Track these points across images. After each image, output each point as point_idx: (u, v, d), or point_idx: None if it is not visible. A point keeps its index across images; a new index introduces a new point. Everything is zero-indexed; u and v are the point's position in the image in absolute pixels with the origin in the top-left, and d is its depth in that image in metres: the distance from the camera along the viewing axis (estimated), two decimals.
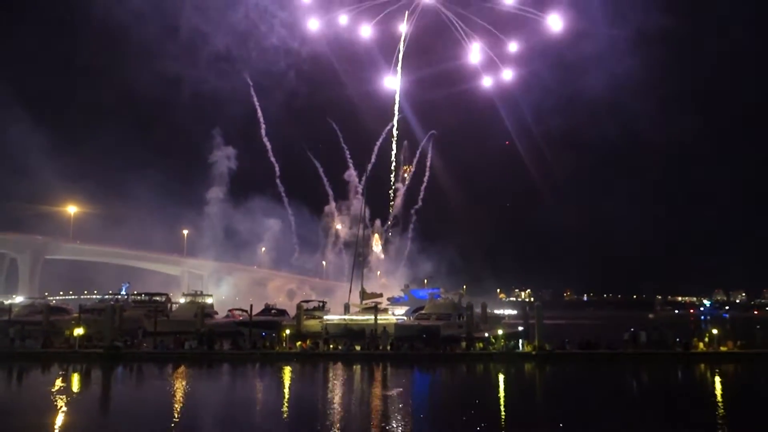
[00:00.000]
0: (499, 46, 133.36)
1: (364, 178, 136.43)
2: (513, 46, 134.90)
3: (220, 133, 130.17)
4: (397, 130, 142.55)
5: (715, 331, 60.24)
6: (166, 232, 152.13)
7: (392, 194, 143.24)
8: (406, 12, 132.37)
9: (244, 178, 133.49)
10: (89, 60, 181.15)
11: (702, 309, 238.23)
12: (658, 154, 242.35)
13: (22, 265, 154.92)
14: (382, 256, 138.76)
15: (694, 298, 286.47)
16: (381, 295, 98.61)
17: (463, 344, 60.68)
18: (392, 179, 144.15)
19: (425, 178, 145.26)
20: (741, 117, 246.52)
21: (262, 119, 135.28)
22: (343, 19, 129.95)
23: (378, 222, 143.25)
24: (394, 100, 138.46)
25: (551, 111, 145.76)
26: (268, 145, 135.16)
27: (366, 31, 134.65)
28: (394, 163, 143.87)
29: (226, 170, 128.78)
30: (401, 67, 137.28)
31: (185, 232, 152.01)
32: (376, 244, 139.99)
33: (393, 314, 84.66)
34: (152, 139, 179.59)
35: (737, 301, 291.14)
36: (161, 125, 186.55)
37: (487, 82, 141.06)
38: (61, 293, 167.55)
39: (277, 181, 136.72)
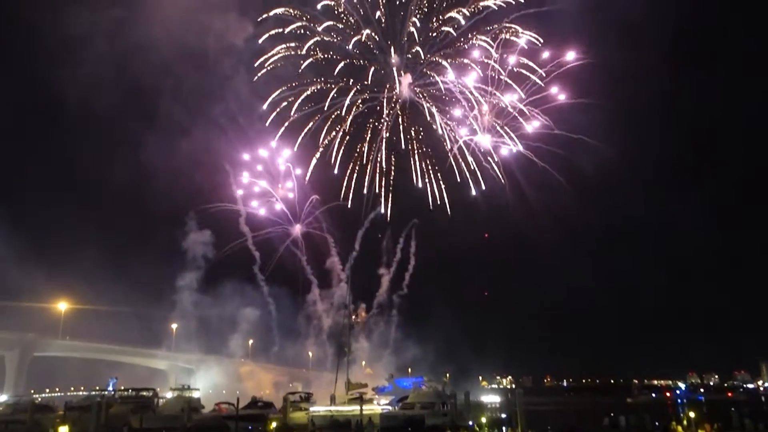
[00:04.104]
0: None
1: (348, 267, 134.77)
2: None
3: (194, 218, 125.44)
4: (381, 217, 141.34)
5: (692, 415, 59.10)
6: (147, 324, 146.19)
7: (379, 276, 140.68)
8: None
9: (222, 265, 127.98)
10: (57, 145, 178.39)
11: (678, 392, 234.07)
12: (632, 237, 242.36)
13: (10, 362, 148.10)
14: (366, 344, 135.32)
15: (670, 381, 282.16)
16: (366, 385, 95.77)
17: None
18: (382, 266, 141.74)
19: (410, 266, 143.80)
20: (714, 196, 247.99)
21: (242, 207, 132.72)
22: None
23: (362, 306, 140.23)
24: (378, 190, 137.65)
25: (528, 197, 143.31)
26: (248, 233, 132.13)
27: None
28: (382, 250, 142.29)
29: (201, 257, 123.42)
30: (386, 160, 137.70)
31: (174, 326, 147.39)
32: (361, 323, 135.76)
33: (378, 404, 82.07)
34: (128, 227, 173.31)
35: (711, 383, 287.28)
36: (138, 212, 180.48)
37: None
38: (47, 390, 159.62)
39: (256, 269, 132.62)
